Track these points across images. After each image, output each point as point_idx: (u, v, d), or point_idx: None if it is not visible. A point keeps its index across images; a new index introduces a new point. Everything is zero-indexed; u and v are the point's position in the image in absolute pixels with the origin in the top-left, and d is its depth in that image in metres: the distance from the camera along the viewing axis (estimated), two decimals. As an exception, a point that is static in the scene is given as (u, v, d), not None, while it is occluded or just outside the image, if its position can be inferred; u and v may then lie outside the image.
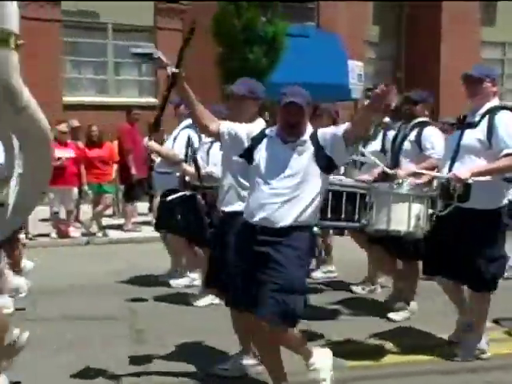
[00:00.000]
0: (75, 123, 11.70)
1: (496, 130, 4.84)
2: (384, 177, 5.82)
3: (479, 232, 4.90)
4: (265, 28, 14.25)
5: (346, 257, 8.02)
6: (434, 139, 5.97)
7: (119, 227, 11.52)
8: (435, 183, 5.35)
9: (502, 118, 4.89)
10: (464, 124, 5.09)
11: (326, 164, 4.06)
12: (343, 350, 5.24)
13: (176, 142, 7.05)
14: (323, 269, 8.05)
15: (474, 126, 4.98)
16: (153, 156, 7.46)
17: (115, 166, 11.77)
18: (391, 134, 6.45)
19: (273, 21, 14.39)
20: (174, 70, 4.23)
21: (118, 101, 15.55)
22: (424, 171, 5.40)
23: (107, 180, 11.35)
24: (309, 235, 4.12)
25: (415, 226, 4.83)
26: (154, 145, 6.88)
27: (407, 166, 5.88)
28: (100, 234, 10.97)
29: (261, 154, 4.14)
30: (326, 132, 4.13)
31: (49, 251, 9.89)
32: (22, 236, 7.38)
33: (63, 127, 10.81)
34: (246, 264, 4.06)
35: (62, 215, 10.98)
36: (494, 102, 5.05)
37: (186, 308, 6.64)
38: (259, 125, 4.52)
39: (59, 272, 8.16)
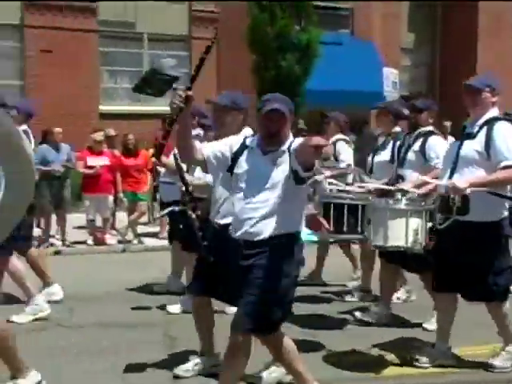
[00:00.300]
0: (111, 132, 11.84)
1: (494, 142, 4.78)
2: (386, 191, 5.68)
3: (481, 245, 4.83)
4: (298, 36, 14.28)
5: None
6: (439, 149, 5.81)
7: (154, 235, 11.60)
8: (434, 195, 5.26)
9: (499, 129, 4.82)
10: (463, 134, 5.02)
11: (294, 176, 3.86)
12: (347, 360, 5.27)
13: None
14: (355, 276, 7.97)
15: (472, 136, 4.91)
16: (158, 167, 7.50)
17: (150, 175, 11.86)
18: None
19: (306, 28, 14.41)
20: (190, 93, 3.99)
21: (152, 110, 15.67)
22: (428, 179, 5.27)
23: (142, 188, 11.44)
24: (293, 244, 4.01)
25: (413, 242, 4.76)
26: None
27: (412, 176, 5.78)
28: (135, 242, 11.07)
29: (241, 167, 4.04)
30: (295, 143, 3.93)
31: (86, 258, 10.02)
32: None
33: (98, 136, 10.95)
34: (234, 277, 4.06)
35: (99, 223, 11.11)
36: (493, 112, 4.97)
37: (219, 315, 6.65)
38: (244, 135, 4.43)
39: (95, 279, 8.24)
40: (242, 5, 14.55)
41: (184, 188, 5.33)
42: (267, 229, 3.91)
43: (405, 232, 4.77)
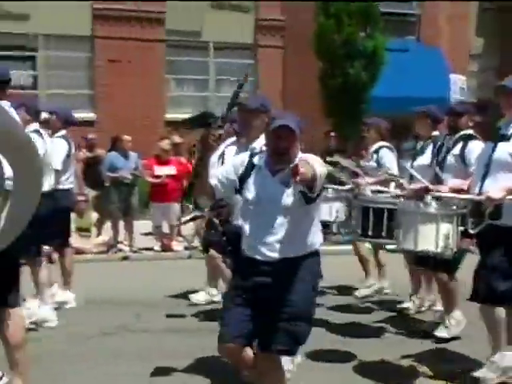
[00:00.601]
0: (177, 139, 11.99)
1: None
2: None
3: None
4: (364, 43, 14.20)
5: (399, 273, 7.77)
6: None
7: (219, 242, 11.67)
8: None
9: None
10: (497, 136, 4.77)
11: (303, 196, 3.66)
12: (378, 370, 5.19)
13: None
14: (375, 286, 7.83)
15: (507, 138, 4.68)
16: None
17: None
18: None
19: (373, 35, 14.33)
20: (221, 131, 3.91)
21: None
22: (460, 195, 4.97)
23: (208, 195, 11.52)
24: (314, 259, 3.88)
25: (444, 247, 4.64)
26: None
27: (452, 181, 5.55)
28: (201, 248, 11.15)
29: (250, 190, 3.84)
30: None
31: (152, 264, 10.16)
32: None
33: (165, 145, 11.09)
34: (248, 295, 3.81)
35: (165, 229, 11.26)
36: None
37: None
38: (259, 143, 4.38)
39: (161, 285, 8.35)
40: (309, 12, 14.57)
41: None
42: (285, 251, 3.75)
43: (435, 237, 4.67)
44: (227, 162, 4.21)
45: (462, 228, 4.75)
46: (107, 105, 15.58)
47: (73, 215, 10.88)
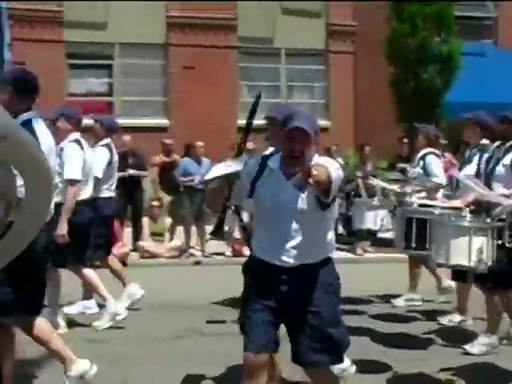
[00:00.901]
0: (250, 145, 12.04)
1: None
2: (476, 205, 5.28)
3: None
4: (439, 47, 13.98)
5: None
6: None
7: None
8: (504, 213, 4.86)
9: None
10: None
11: (318, 202, 3.51)
12: (412, 381, 5.06)
13: None
14: (405, 297, 7.62)
15: None
16: None
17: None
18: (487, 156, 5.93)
19: (447, 39, 14.09)
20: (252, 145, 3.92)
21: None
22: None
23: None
24: (331, 264, 3.73)
25: (478, 261, 4.46)
26: None
27: (501, 191, 5.32)
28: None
29: (263, 192, 3.65)
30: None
31: (224, 269, 10.21)
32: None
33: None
34: (268, 301, 3.60)
35: (237, 235, 11.31)
36: None
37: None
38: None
39: (233, 289, 8.36)
40: (381, 17, 14.44)
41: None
42: (303, 257, 3.58)
43: (468, 250, 4.50)
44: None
45: (499, 242, 4.57)
46: (180, 111, 15.80)
47: (147, 220, 11.12)
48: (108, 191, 7.20)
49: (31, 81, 4.45)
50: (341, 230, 11.97)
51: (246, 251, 11.13)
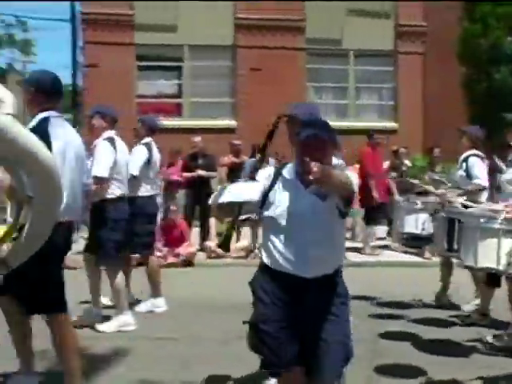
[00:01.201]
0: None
1: None
2: None
3: None
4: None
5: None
6: None
7: (356, 250, 11.58)
8: None
9: None
10: None
11: (338, 210, 3.41)
12: None
13: None
14: (473, 302, 7.28)
15: None
16: None
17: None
18: None
19: (521, 39, 13.79)
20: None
21: (357, 125, 15.74)
22: None
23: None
24: (341, 273, 3.63)
25: (507, 264, 4.30)
26: None
27: None
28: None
29: (278, 202, 3.48)
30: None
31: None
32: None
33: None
34: (285, 312, 3.47)
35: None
36: None
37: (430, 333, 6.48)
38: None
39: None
40: (451, 17, 14.20)
41: None
42: (323, 268, 3.47)
43: (496, 253, 4.35)
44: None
45: None
46: (248, 112, 15.89)
47: (214, 220, 11.21)
48: (148, 190, 7.13)
49: (51, 81, 4.52)
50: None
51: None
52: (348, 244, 11.90)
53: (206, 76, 16.20)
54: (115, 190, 6.38)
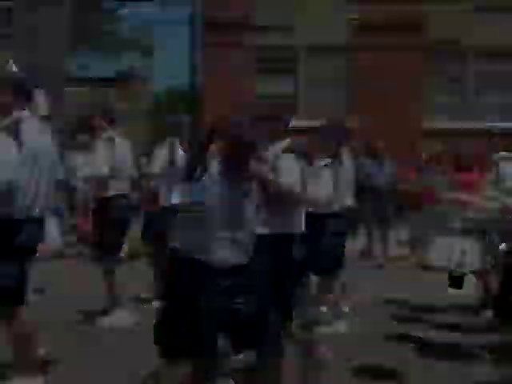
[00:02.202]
0: (439, 148, 11.71)
1: None
2: None
3: None
4: None
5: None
6: None
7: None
8: None
9: None
10: None
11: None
12: None
13: None
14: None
15: None
16: None
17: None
18: None
19: None
20: None
21: (480, 127, 15.22)
22: None
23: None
24: None
25: None
26: None
27: None
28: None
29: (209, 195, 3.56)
30: None
31: (406, 273, 9.97)
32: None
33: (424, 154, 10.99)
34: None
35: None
36: None
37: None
38: None
39: (416, 293, 8.18)
40: None
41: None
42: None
43: None
44: None
45: None
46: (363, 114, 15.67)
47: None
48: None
49: (25, 82, 4.62)
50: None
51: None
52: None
53: (322, 77, 16.13)
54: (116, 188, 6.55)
